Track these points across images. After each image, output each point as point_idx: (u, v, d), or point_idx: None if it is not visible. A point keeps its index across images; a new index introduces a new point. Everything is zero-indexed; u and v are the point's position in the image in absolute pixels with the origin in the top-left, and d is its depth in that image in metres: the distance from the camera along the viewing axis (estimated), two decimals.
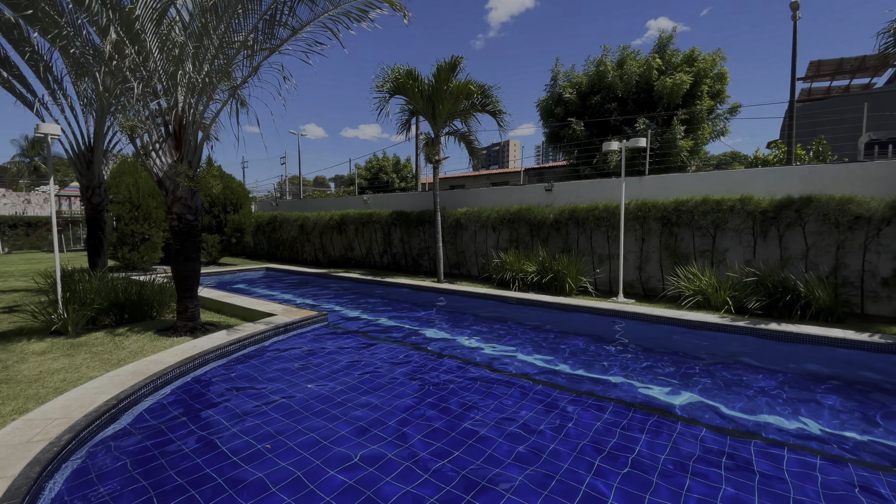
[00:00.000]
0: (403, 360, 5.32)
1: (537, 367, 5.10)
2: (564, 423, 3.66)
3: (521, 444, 3.30)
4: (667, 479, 2.86)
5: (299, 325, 6.41)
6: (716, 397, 4.20)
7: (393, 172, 27.58)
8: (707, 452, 3.19)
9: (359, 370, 4.92)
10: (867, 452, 3.23)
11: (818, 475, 2.91)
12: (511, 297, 8.74)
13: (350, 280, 11.78)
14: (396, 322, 7.35)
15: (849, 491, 2.75)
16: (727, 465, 3.01)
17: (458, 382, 4.57)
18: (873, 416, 3.82)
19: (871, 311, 7.42)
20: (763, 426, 3.62)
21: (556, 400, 4.14)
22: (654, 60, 15.52)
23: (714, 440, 3.37)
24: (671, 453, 3.18)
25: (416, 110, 11.65)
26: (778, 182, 8.33)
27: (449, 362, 5.26)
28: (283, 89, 5.93)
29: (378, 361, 5.26)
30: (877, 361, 5.21)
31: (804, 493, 2.72)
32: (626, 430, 3.52)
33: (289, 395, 4.16)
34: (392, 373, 4.86)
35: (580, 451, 3.21)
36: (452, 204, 12.58)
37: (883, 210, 7.00)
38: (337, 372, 4.84)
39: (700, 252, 8.80)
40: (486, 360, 5.33)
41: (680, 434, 3.46)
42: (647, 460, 3.08)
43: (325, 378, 4.65)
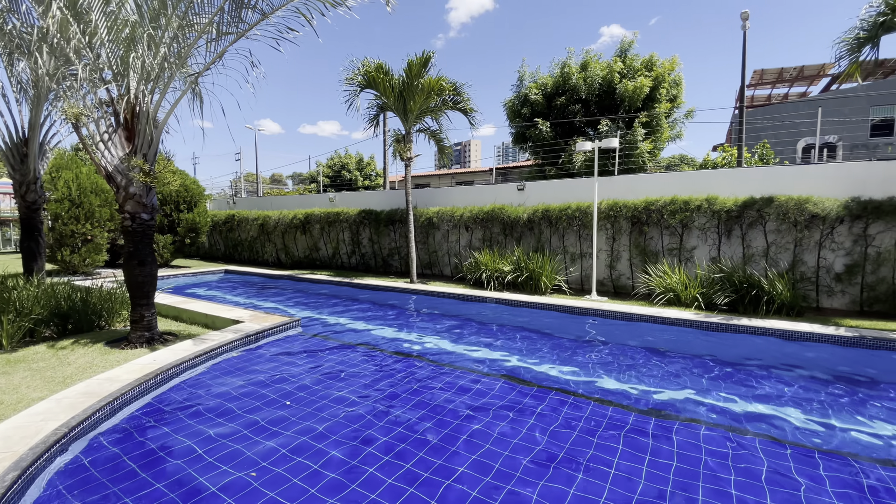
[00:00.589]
0: (387, 369, 5.05)
1: (535, 371, 4.99)
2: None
3: (551, 474, 3.14)
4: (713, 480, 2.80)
5: (271, 332, 5.98)
6: (714, 396, 4.24)
7: (356, 170, 26.89)
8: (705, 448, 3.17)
9: (342, 381, 4.61)
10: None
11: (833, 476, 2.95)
12: (490, 297, 8.63)
13: (318, 282, 11.27)
14: (373, 325, 7.04)
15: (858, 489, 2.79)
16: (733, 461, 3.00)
17: (451, 390, 4.37)
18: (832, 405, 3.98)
19: (826, 304, 7.89)
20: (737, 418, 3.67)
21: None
22: (615, 64, 15.95)
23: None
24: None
25: (385, 106, 11.32)
26: (740, 183, 8.70)
27: (436, 369, 5.04)
28: (252, 77, 5.49)
29: (362, 371, 4.96)
30: (845, 353, 5.50)
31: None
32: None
33: (268, 413, 3.80)
34: (378, 383, 4.59)
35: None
36: (424, 203, 12.33)
37: (837, 210, 7.45)
38: (319, 384, 4.50)
39: (668, 250, 9.05)
40: (475, 365, 5.16)
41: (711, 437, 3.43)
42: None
43: (307, 392, 4.31)
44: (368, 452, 3.16)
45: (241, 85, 5.58)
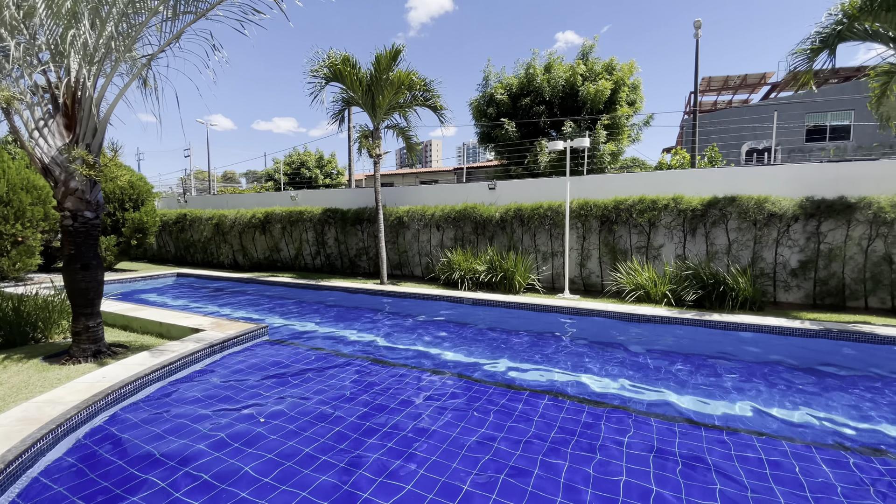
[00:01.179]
0: (369, 378, 4.75)
1: (527, 376, 4.85)
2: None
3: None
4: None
5: (237, 341, 5.50)
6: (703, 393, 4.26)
7: (316, 168, 26.00)
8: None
9: (320, 393, 4.27)
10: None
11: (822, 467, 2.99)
12: (467, 297, 8.46)
13: (282, 285, 10.67)
14: (347, 330, 6.68)
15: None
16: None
17: (438, 399, 4.14)
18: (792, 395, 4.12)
19: (782, 298, 8.32)
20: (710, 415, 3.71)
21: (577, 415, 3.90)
22: (578, 66, 16.26)
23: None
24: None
25: (351, 100, 10.88)
26: (703, 183, 9.01)
27: (419, 375, 4.80)
28: (213, 63, 5.02)
29: (340, 381, 4.63)
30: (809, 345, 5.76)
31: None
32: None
33: (241, 433, 3.42)
34: (359, 395, 4.28)
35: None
36: (393, 201, 12.00)
37: (793, 209, 7.85)
38: (295, 397, 4.14)
39: (637, 248, 9.25)
40: (462, 371, 4.96)
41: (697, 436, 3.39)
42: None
43: (284, 406, 3.94)
44: (360, 476, 2.88)
45: (200, 70, 5.09)
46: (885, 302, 7.56)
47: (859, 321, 6.58)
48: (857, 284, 7.71)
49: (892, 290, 7.45)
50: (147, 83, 5.38)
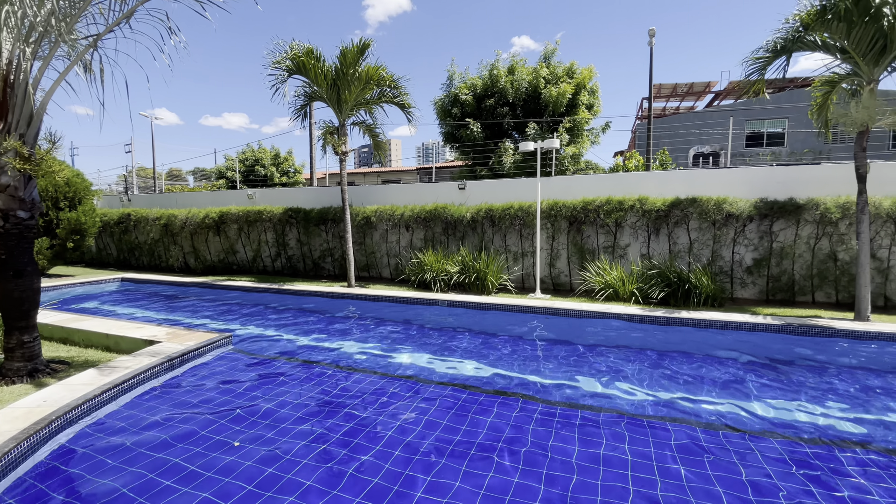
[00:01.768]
0: (349, 390, 4.47)
1: (528, 381, 4.73)
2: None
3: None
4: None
5: (198, 353, 5.04)
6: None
7: (272, 165, 24.88)
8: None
9: (295, 409, 3.95)
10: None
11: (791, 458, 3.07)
12: (442, 299, 8.27)
13: (242, 289, 10.03)
14: (316, 337, 6.32)
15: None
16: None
17: (430, 412, 3.95)
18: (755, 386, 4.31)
19: (739, 295, 8.76)
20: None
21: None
22: (541, 69, 16.52)
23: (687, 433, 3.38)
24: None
25: (314, 95, 10.42)
26: (665, 184, 9.34)
27: (404, 385, 4.58)
28: (168, 47, 4.55)
29: (318, 393, 4.32)
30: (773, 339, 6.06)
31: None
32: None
33: (213, 461, 3.07)
34: (341, 409, 4.01)
35: None
36: (360, 201, 11.62)
37: (748, 209, 8.28)
38: (269, 416, 3.81)
39: (604, 248, 9.45)
40: (450, 379, 4.78)
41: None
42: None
43: (257, 427, 3.61)
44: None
45: (155, 56, 4.60)
46: (831, 296, 8.13)
47: (811, 315, 7.03)
48: (806, 280, 8.24)
49: (837, 286, 8.02)
50: (90, 68, 4.81)
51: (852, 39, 6.42)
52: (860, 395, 4.18)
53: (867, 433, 3.46)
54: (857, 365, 5.05)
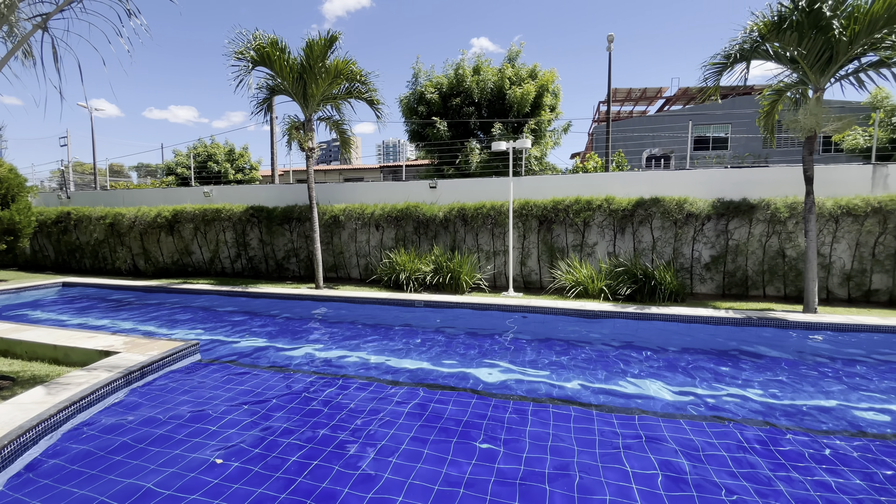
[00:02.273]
0: (331, 398, 4.28)
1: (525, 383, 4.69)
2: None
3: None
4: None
5: (163, 363, 4.65)
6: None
7: (226, 161, 23.65)
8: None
9: (276, 421, 3.73)
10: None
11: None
12: (418, 300, 8.14)
13: (202, 293, 9.43)
14: (290, 343, 6.02)
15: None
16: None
17: (417, 418, 3.84)
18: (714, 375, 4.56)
19: (699, 290, 9.22)
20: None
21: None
22: (506, 70, 16.69)
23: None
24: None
25: (278, 88, 9.97)
26: (629, 185, 9.68)
27: (386, 391, 4.44)
28: (127, 30, 4.16)
29: (299, 404, 4.10)
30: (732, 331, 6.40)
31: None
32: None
33: (194, 484, 2.82)
34: (326, 424, 3.83)
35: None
36: (327, 199, 11.25)
37: (707, 209, 8.72)
38: (248, 430, 3.57)
39: (573, 247, 9.67)
40: (443, 382, 4.68)
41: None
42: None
43: (240, 443, 3.37)
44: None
45: (110, 39, 4.20)
46: (780, 290, 8.72)
47: (764, 308, 7.51)
48: (758, 276, 8.80)
49: (785, 280, 8.62)
50: (30, 53, 4.34)
51: (802, 49, 6.90)
52: (823, 381, 4.48)
53: (834, 417, 3.71)
54: (814, 353, 5.43)
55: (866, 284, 8.24)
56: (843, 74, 7.25)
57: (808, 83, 7.52)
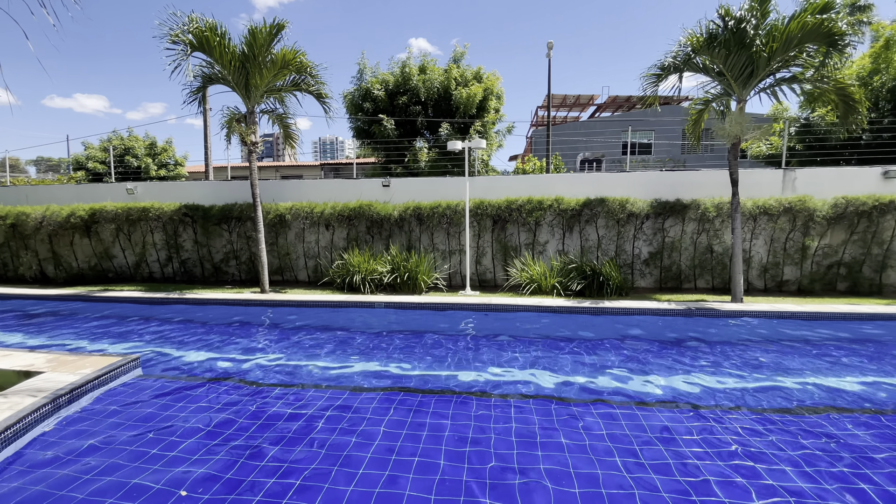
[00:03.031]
0: (295, 412, 4.01)
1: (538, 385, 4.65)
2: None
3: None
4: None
5: (100, 382, 4.08)
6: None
7: (147, 156, 21.52)
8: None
9: (231, 440, 3.42)
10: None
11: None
12: (377, 301, 7.90)
13: (130, 301, 8.46)
14: (240, 353, 5.57)
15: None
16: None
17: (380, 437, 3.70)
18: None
19: (639, 284, 9.87)
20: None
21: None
22: (453, 70, 16.81)
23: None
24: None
25: (216, 77, 9.23)
26: (576, 186, 10.13)
27: (351, 398, 4.25)
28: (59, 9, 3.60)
29: (265, 421, 3.80)
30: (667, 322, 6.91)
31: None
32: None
33: None
34: (297, 442, 3.58)
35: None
36: (271, 197, 10.60)
37: (646, 209, 9.35)
38: (204, 452, 3.23)
39: (525, 245, 9.94)
40: (414, 384, 4.55)
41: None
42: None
43: (208, 468, 3.04)
44: None
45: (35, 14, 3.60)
46: (709, 283, 9.56)
47: (697, 299, 8.20)
48: (690, 270, 9.59)
49: (713, 273, 9.47)
50: None
51: (729, 64, 7.61)
52: (757, 363, 4.96)
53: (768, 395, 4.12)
54: (746, 338, 6.01)
55: (779, 276, 9.28)
56: (763, 87, 8.12)
57: (732, 94, 8.31)
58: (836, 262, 9.02)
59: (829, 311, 6.93)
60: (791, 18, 7.14)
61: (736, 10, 7.51)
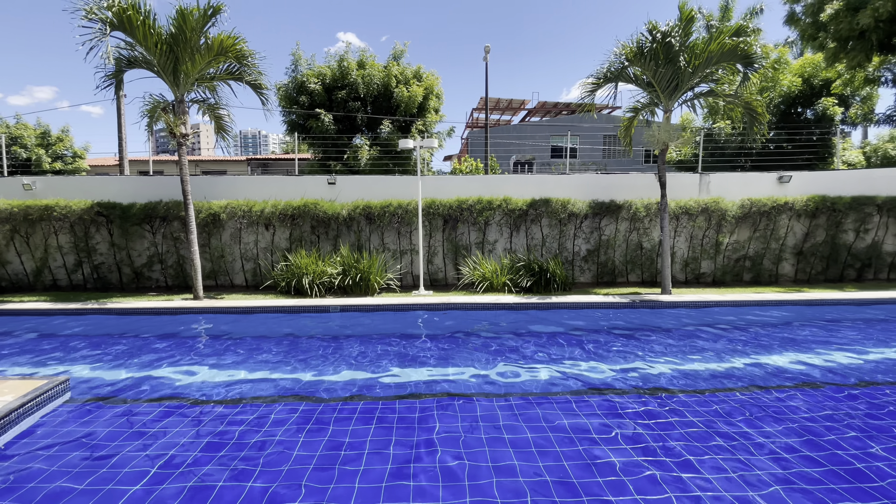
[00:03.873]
0: (244, 433, 3.74)
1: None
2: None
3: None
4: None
5: (24, 411, 3.48)
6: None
7: (39, 147, 18.74)
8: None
9: (178, 466, 3.11)
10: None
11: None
12: (333, 305, 7.55)
13: (36, 313, 7.27)
14: (177, 369, 5.04)
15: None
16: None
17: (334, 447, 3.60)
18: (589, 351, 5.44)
19: (579, 279, 10.48)
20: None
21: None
22: (393, 68, 16.61)
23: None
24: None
25: (137, 60, 8.30)
26: (522, 187, 10.50)
27: (296, 408, 4.07)
28: None
29: (188, 439, 3.48)
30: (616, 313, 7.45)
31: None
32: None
33: None
34: (243, 478, 3.34)
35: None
36: (201, 194, 9.72)
37: (585, 209, 9.95)
38: (146, 482, 2.92)
39: (475, 244, 10.13)
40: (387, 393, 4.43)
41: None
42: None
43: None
44: None
45: None
46: (640, 277, 10.42)
47: (631, 292, 8.92)
48: (623, 265, 10.37)
49: (643, 268, 10.32)
50: None
51: (657, 76, 8.34)
52: (692, 346, 5.52)
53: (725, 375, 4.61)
54: (687, 325, 6.65)
55: (698, 269, 10.37)
56: (685, 99, 9.02)
57: (659, 104, 9.13)
58: (743, 255, 10.28)
59: (746, 300, 7.90)
60: (711, 39, 8.01)
61: (662, 26, 8.27)
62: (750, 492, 2.59)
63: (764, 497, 2.54)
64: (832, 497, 2.54)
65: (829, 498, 2.54)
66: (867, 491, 2.60)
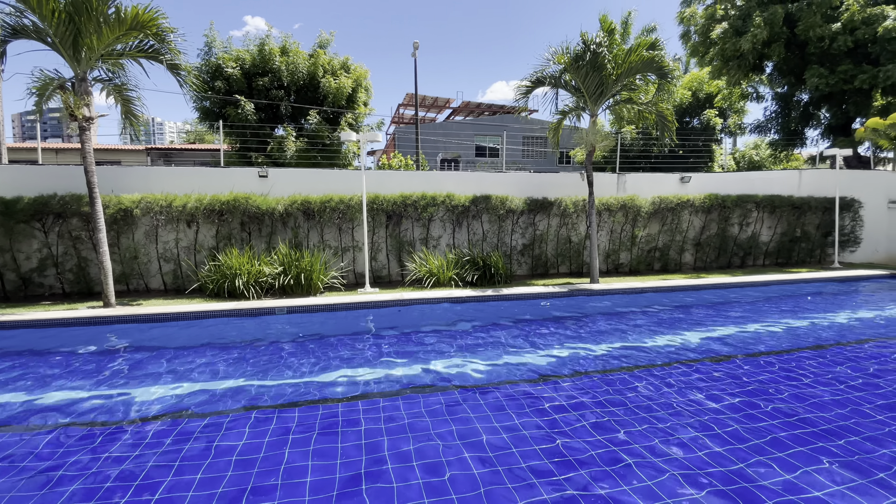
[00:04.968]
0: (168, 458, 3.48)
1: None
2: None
3: None
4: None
5: None
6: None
7: None
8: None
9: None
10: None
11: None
12: (279, 306, 7.04)
13: None
14: (96, 392, 4.42)
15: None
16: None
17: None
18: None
19: (517, 272, 11.00)
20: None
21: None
22: (319, 56, 15.91)
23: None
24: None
25: (27, 30, 7.06)
26: (463, 184, 10.72)
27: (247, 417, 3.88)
28: None
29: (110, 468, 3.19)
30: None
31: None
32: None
33: None
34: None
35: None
36: (108, 187, 8.50)
37: (521, 205, 10.46)
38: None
39: (420, 240, 10.15)
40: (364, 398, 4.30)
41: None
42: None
43: None
44: None
45: None
46: (569, 268, 11.22)
47: (564, 282, 9.61)
48: (555, 258, 11.10)
49: (571, 260, 11.14)
50: None
51: (586, 83, 9.04)
52: (631, 327, 6.15)
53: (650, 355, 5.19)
54: (620, 310, 7.34)
55: (617, 260, 11.44)
56: (608, 105, 9.88)
57: (585, 109, 9.89)
58: (654, 247, 11.55)
59: (662, 286, 8.92)
60: (631, 51, 8.86)
61: (591, 35, 8.97)
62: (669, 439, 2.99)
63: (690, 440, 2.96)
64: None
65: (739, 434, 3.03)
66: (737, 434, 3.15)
